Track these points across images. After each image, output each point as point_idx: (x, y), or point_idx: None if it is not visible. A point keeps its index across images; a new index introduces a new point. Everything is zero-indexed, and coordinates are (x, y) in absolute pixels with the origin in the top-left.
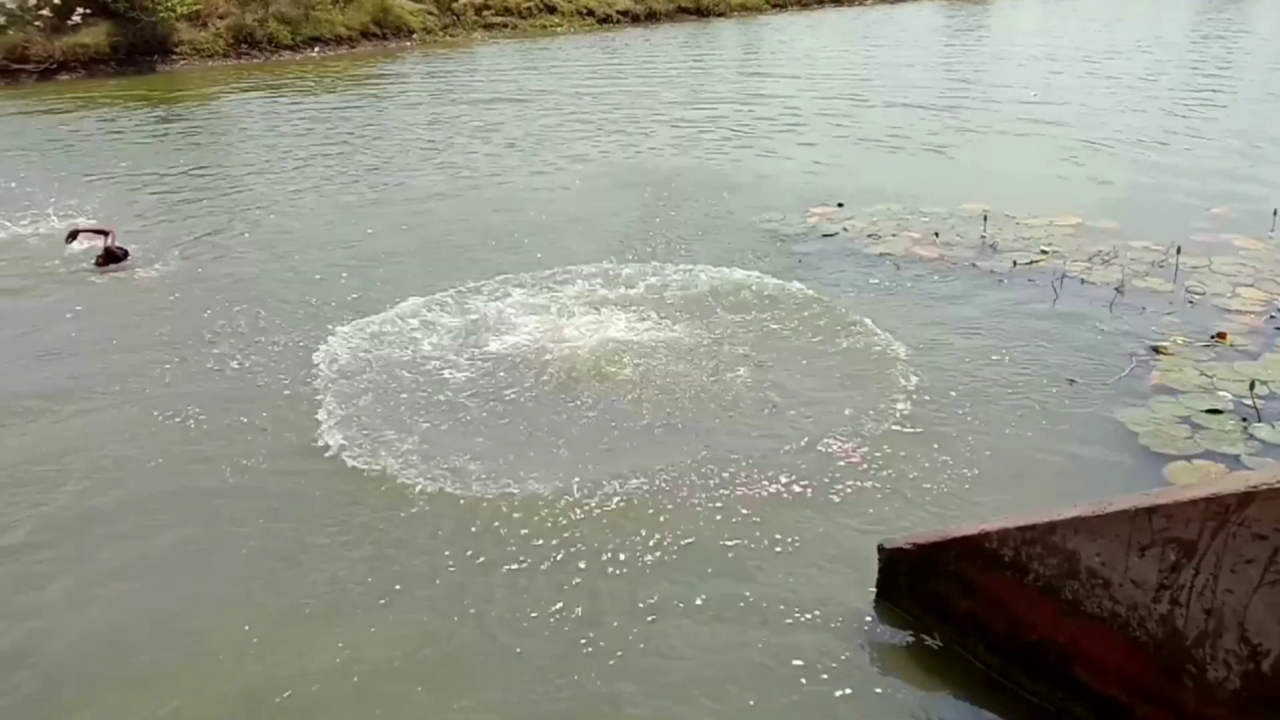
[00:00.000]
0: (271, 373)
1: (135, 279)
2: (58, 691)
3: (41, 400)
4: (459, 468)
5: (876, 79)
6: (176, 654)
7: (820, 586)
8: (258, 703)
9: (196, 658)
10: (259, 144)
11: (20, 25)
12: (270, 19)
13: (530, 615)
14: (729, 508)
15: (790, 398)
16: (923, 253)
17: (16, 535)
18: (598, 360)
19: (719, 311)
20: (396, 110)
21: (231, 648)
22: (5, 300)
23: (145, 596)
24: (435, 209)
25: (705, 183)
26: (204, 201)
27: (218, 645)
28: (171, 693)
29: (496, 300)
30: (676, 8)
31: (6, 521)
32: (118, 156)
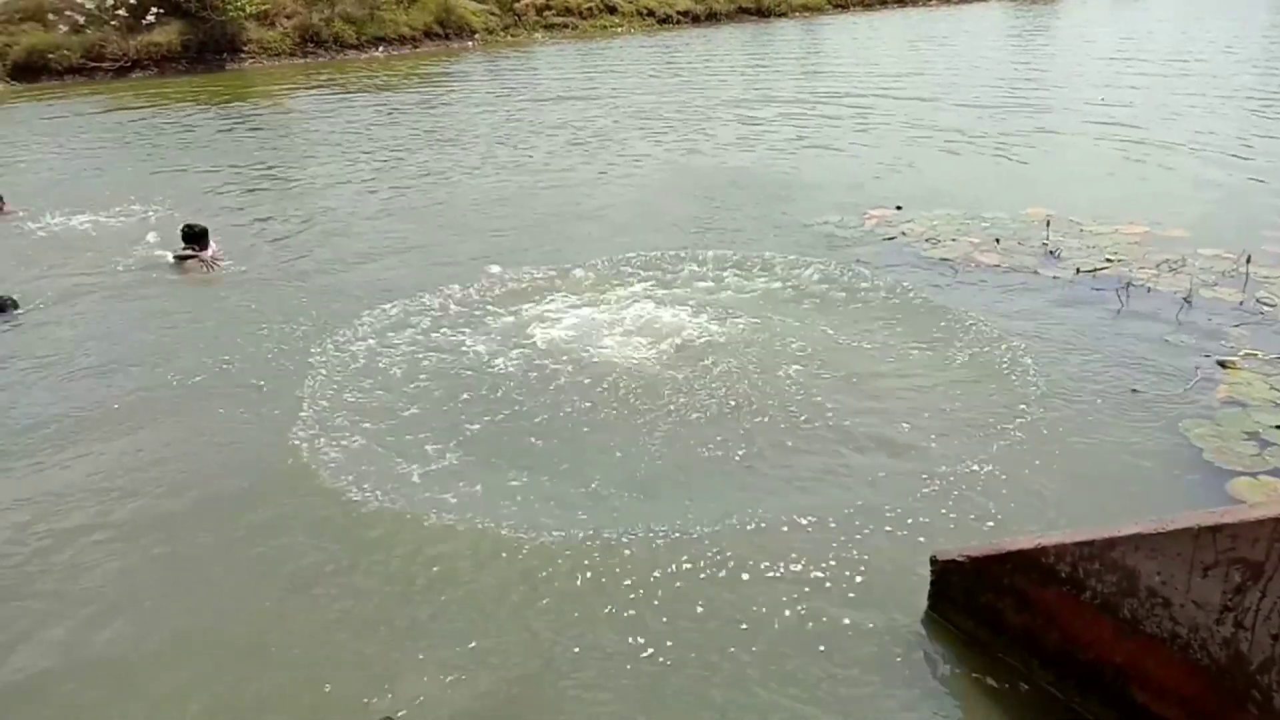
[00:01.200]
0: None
1: (208, 275)
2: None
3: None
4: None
5: (939, 80)
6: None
7: (873, 597)
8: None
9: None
10: (324, 141)
11: (98, 25)
12: (336, 19)
13: (594, 632)
14: (779, 512)
15: (841, 403)
16: (982, 258)
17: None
18: (652, 364)
19: (771, 313)
20: (459, 109)
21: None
22: (89, 293)
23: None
24: (494, 208)
25: (763, 183)
26: (270, 198)
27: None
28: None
29: (558, 303)
30: (737, 8)
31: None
32: (188, 152)
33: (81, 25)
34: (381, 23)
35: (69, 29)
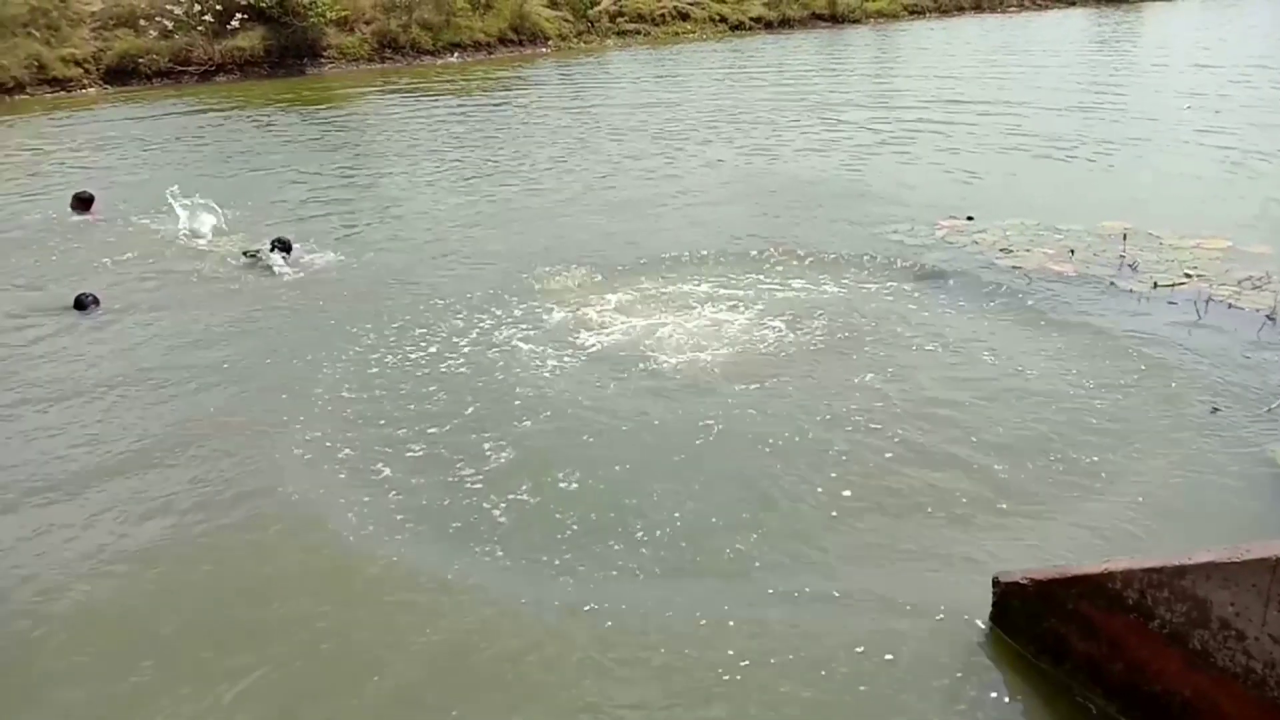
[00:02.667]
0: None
1: (286, 274)
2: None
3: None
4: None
5: (1016, 88)
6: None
7: (934, 616)
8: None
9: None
10: (400, 145)
11: (185, 30)
12: (413, 25)
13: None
14: (843, 525)
15: (907, 416)
16: (1057, 269)
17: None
18: (715, 372)
19: (837, 322)
20: (532, 114)
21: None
22: (168, 293)
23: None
24: (564, 212)
25: (835, 189)
26: (347, 201)
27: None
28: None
29: (622, 307)
30: (810, 14)
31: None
32: (269, 156)
33: (170, 30)
34: (457, 29)
35: (158, 34)
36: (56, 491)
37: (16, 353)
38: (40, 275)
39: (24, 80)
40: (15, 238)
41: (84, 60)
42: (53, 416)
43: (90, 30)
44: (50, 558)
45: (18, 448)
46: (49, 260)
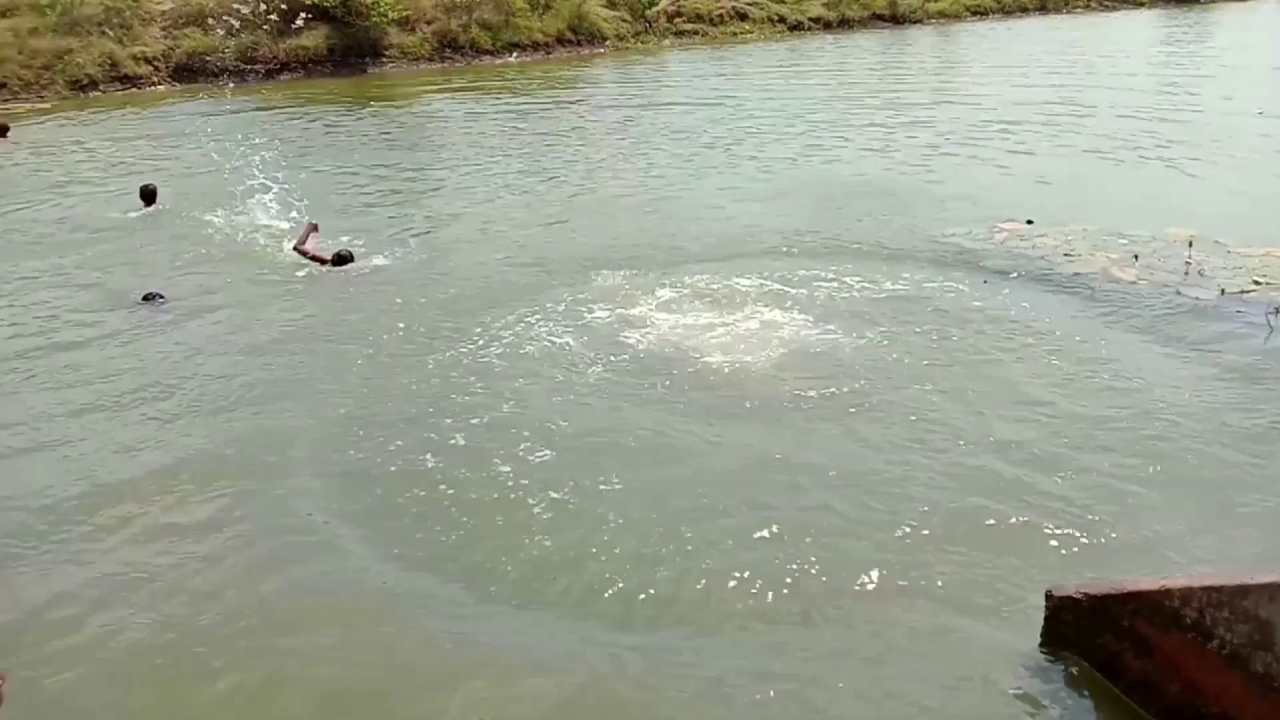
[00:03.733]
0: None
1: (348, 274)
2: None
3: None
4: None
5: (1081, 90)
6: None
7: (985, 628)
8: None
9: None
10: (460, 144)
11: (251, 29)
12: (473, 24)
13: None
14: (892, 539)
15: (964, 423)
16: (1120, 274)
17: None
18: (766, 371)
19: (893, 324)
20: (588, 114)
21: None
22: (229, 290)
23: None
24: (620, 210)
25: (893, 191)
26: (406, 199)
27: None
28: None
29: (675, 308)
30: (871, 15)
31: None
32: (331, 153)
33: (236, 29)
34: (516, 29)
35: (225, 33)
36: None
37: (84, 347)
38: (110, 268)
39: (97, 78)
40: (89, 231)
41: (154, 58)
42: (105, 420)
43: (160, 29)
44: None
45: (76, 450)
46: (120, 254)
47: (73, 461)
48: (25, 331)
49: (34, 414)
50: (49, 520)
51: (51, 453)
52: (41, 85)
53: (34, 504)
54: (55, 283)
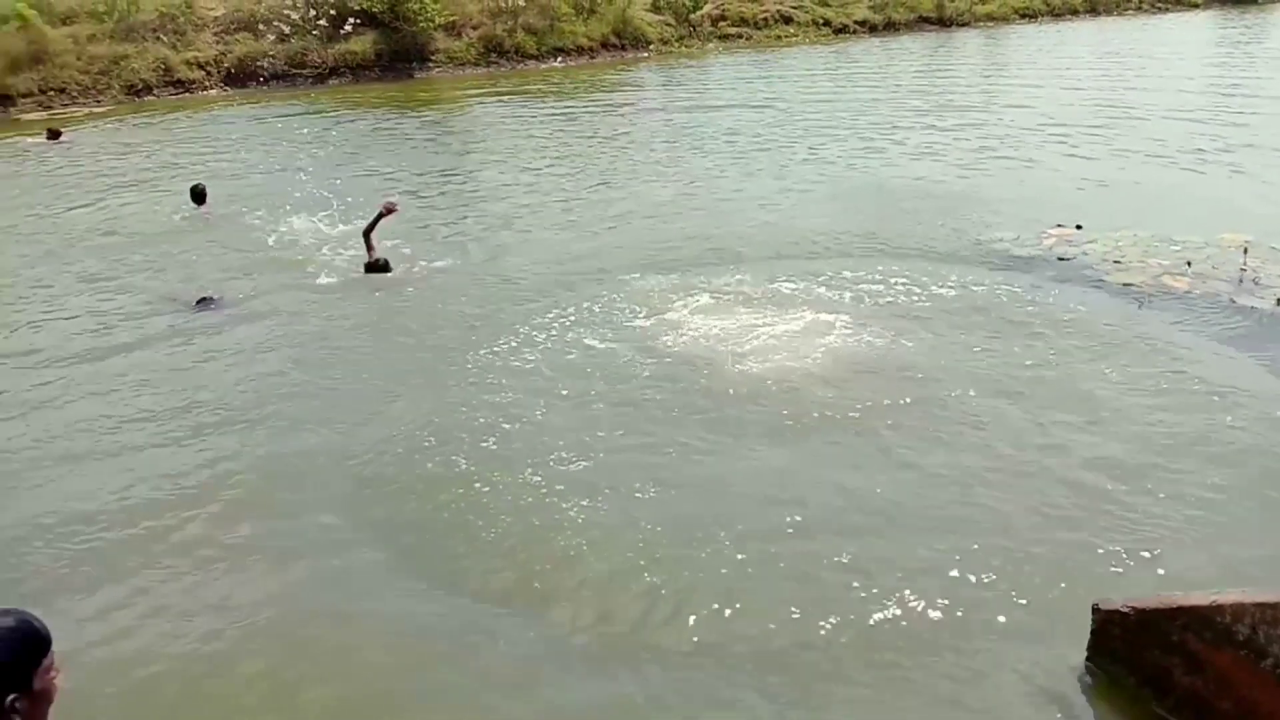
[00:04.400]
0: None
1: (393, 280)
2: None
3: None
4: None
5: (1132, 93)
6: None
7: (1032, 641)
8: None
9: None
10: (505, 147)
11: (301, 35)
12: (518, 29)
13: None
14: (932, 552)
15: (1010, 433)
16: (1172, 283)
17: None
18: (806, 377)
19: (938, 331)
20: (634, 117)
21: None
22: (279, 295)
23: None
24: (664, 214)
25: (940, 194)
26: (452, 203)
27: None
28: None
29: (719, 312)
30: (917, 18)
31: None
32: (378, 156)
33: (286, 35)
34: (560, 33)
35: (275, 38)
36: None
37: (134, 351)
38: (162, 270)
39: (151, 82)
40: (141, 232)
41: (206, 63)
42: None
43: (213, 34)
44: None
45: (117, 462)
46: (171, 256)
47: (112, 473)
48: (76, 335)
49: (77, 422)
50: (86, 532)
51: (92, 463)
52: (98, 90)
53: (71, 515)
54: (107, 284)
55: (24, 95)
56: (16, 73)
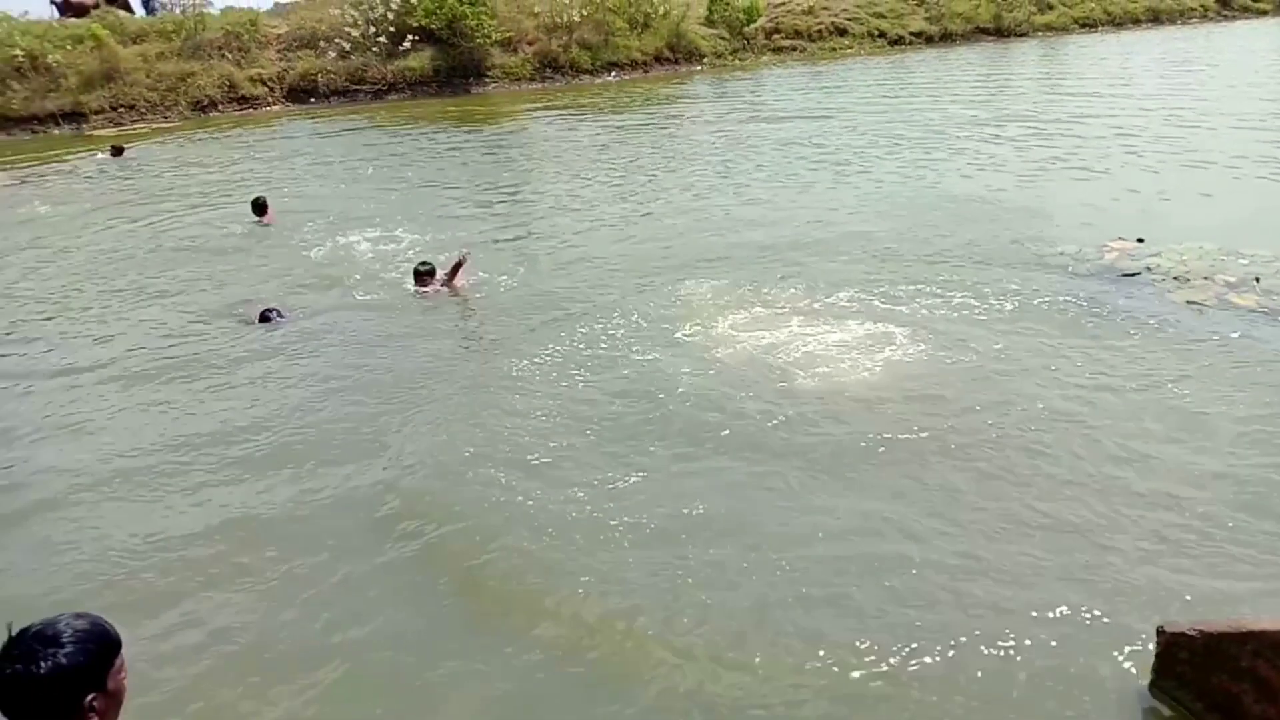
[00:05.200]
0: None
1: (446, 296)
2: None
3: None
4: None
5: (1197, 103)
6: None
7: (1094, 664)
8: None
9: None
10: (559, 162)
11: (361, 51)
12: (573, 45)
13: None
14: (990, 568)
15: (1069, 451)
16: (1238, 300)
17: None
18: (862, 392)
19: (995, 346)
20: (688, 131)
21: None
22: (340, 311)
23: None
24: (716, 228)
25: (998, 207)
26: (508, 217)
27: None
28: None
29: (773, 325)
30: (974, 28)
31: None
32: (436, 171)
33: (347, 52)
34: (614, 48)
35: (336, 55)
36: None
37: (202, 365)
38: (224, 283)
39: (216, 99)
40: (207, 245)
41: (269, 80)
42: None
43: (276, 52)
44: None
45: (170, 482)
46: (232, 269)
47: (164, 492)
48: (138, 349)
49: (136, 440)
50: (129, 559)
51: (146, 483)
52: (166, 106)
53: (117, 539)
54: (170, 298)
55: (96, 112)
56: (90, 90)
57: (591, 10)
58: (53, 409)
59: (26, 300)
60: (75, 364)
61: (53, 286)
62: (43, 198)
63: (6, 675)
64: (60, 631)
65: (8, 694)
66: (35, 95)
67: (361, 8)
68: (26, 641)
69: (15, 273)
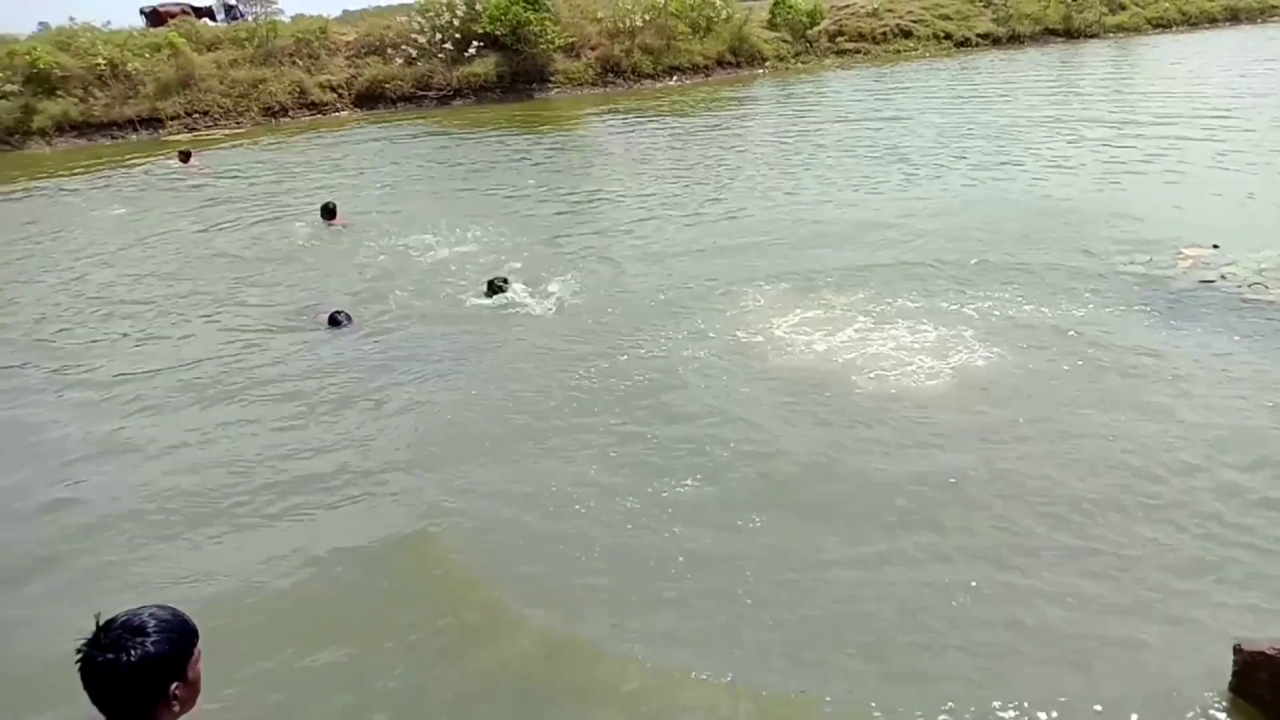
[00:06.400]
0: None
1: (523, 306)
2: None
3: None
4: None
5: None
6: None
7: (1167, 684)
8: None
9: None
10: (622, 166)
11: (427, 58)
12: (635, 49)
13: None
14: (1067, 583)
15: (1139, 468)
16: None
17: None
18: (928, 398)
19: (1064, 359)
20: (751, 134)
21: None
22: (410, 318)
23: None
24: (778, 233)
25: (1067, 212)
26: (571, 221)
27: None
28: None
29: (838, 329)
30: (1043, 30)
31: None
32: (501, 175)
33: (414, 58)
34: (676, 53)
35: (403, 61)
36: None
37: (273, 368)
38: (295, 286)
39: (287, 105)
40: (277, 249)
41: (338, 86)
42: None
43: (345, 59)
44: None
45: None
46: (302, 272)
47: (223, 520)
48: (207, 356)
49: (209, 449)
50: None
51: (213, 491)
52: (239, 112)
53: (169, 558)
54: (242, 299)
55: (172, 118)
56: (166, 97)
57: (654, 15)
58: (122, 409)
59: (101, 301)
60: (147, 368)
61: (126, 287)
62: (120, 201)
63: (98, 663)
64: (145, 622)
65: (99, 682)
66: (115, 102)
67: (428, 15)
68: (115, 631)
69: (97, 274)
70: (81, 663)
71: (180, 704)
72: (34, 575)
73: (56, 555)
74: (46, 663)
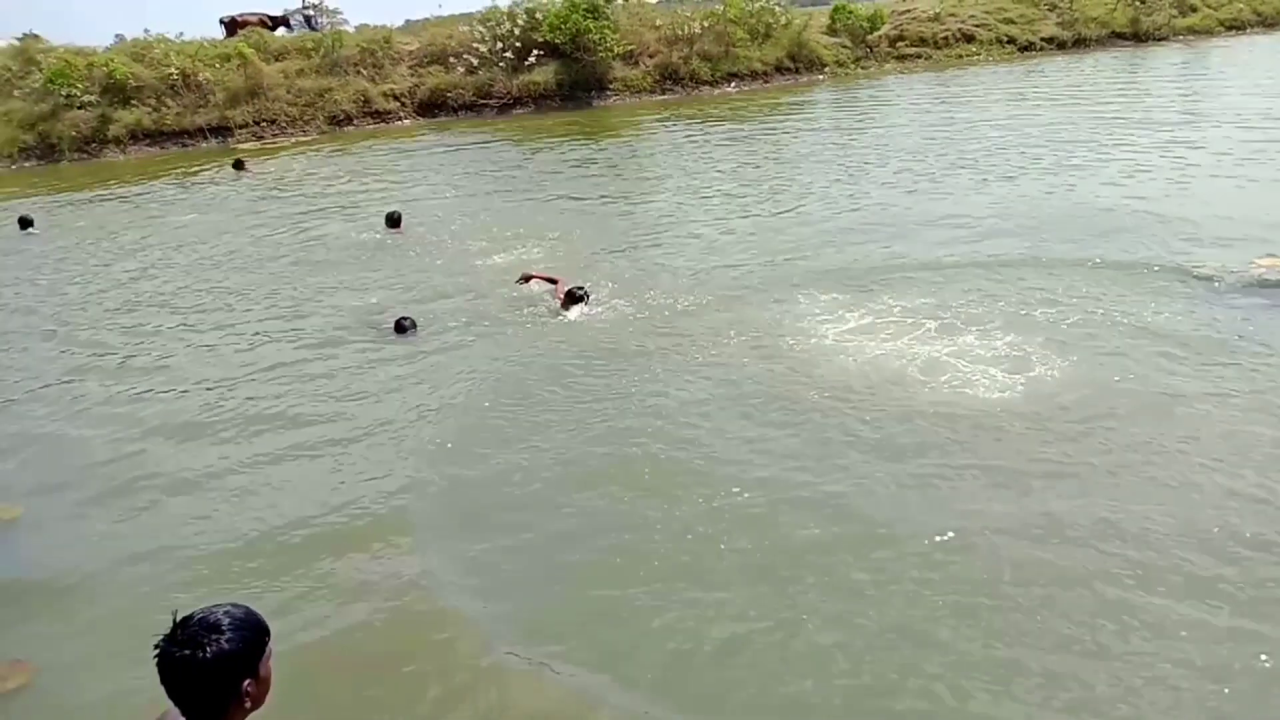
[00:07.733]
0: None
1: (587, 317)
2: None
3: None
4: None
5: None
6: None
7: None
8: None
9: None
10: (683, 173)
11: (488, 67)
12: (694, 56)
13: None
14: (1133, 600)
15: (1213, 489)
16: None
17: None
18: (1012, 422)
19: (1139, 371)
20: (810, 141)
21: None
22: (477, 327)
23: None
24: (840, 238)
25: (1137, 218)
26: (632, 228)
27: None
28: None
29: (912, 340)
30: (1109, 33)
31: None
32: (563, 183)
33: (475, 67)
34: (735, 59)
35: (464, 70)
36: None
37: (337, 373)
38: (363, 291)
39: (351, 113)
40: (342, 256)
41: (401, 95)
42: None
43: (407, 68)
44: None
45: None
46: (367, 279)
47: (285, 501)
48: (275, 363)
49: (267, 449)
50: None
51: (271, 491)
52: (305, 121)
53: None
54: (307, 305)
55: (240, 126)
56: (235, 106)
57: (713, 21)
58: (192, 413)
59: (171, 307)
60: (214, 374)
61: (196, 294)
62: (190, 207)
63: (176, 659)
64: (220, 620)
65: (176, 677)
66: (187, 111)
67: (489, 24)
68: (192, 628)
69: (159, 280)
70: (159, 658)
71: (252, 701)
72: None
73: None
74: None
